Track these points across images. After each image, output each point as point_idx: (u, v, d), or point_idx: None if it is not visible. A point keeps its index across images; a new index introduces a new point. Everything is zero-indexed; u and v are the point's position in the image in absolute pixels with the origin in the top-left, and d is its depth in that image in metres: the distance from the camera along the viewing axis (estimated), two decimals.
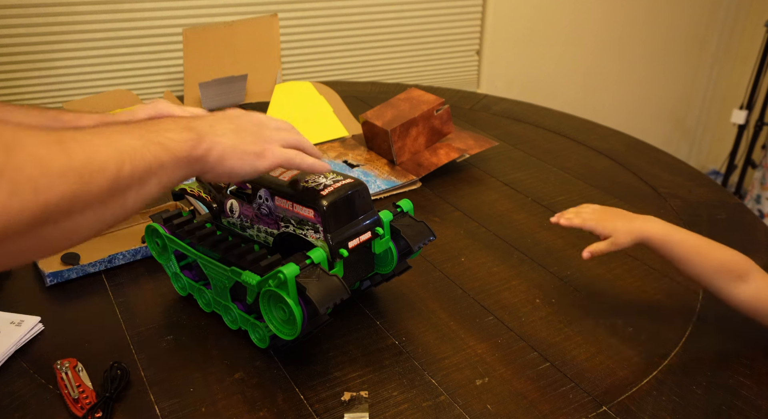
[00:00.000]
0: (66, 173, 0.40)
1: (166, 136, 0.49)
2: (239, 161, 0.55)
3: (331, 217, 0.59)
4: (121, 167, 0.44)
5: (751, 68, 2.24)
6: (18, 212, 0.37)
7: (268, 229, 0.64)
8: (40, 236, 0.40)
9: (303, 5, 1.73)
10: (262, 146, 0.56)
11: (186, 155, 0.50)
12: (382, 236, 0.65)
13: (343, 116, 1.27)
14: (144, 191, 0.47)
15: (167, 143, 0.49)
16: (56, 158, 0.40)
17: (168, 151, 0.49)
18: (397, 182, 1.01)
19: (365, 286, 0.72)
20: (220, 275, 0.65)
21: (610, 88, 2.43)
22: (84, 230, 0.43)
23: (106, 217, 0.44)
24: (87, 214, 0.42)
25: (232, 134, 0.55)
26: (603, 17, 2.26)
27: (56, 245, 0.43)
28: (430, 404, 0.60)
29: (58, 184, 0.39)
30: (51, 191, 0.39)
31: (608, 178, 1.07)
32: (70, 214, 0.41)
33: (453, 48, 2.02)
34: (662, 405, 0.59)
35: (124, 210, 0.46)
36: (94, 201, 0.42)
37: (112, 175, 0.43)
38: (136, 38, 1.57)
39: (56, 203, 0.39)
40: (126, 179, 0.44)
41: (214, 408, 0.60)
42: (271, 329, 0.59)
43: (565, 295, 0.76)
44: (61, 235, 0.41)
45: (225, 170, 0.54)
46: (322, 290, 0.56)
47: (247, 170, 0.56)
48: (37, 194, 0.38)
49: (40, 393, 0.61)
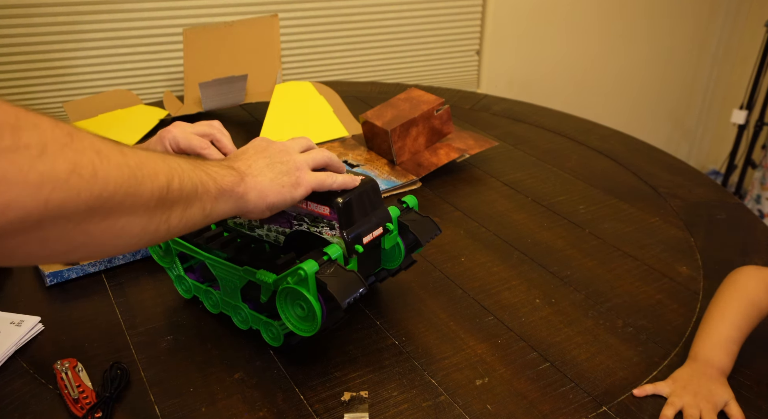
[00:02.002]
0: (122, 167, 0.40)
1: (212, 169, 0.51)
2: (278, 195, 0.56)
3: (347, 214, 0.60)
4: (171, 180, 0.45)
5: (751, 68, 2.24)
6: (76, 192, 0.37)
7: (279, 228, 0.64)
8: (87, 230, 0.40)
9: (303, 5, 1.73)
10: (295, 175, 0.58)
11: (229, 188, 0.52)
12: (392, 232, 0.65)
13: (343, 116, 1.27)
14: (188, 214, 0.47)
15: (213, 174, 0.51)
16: (114, 154, 0.40)
17: (213, 180, 0.50)
18: (397, 182, 1.01)
19: (371, 282, 0.72)
20: (231, 276, 0.65)
21: (610, 88, 2.43)
22: (127, 237, 0.43)
23: (150, 228, 0.44)
24: (134, 219, 0.42)
25: (268, 169, 0.57)
26: (603, 17, 2.26)
27: (100, 243, 0.42)
28: (430, 404, 0.60)
29: (115, 175, 0.40)
30: (108, 179, 0.39)
31: (608, 178, 1.07)
32: (120, 211, 0.41)
33: (453, 48, 2.02)
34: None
35: (168, 227, 0.46)
36: (143, 205, 0.43)
37: (162, 184, 0.44)
38: (136, 38, 1.57)
39: (111, 193, 0.39)
40: (174, 194, 0.45)
41: (214, 408, 0.60)
42: (288, 326, 0.60)
43: (565, 295, 0.76)
44: (107, 233, 0.41)
45: (266, 206, 0.56)
46: (342, 286, 0.56)
47: (287, 202, 0.57)
48: (96, 178, 0.38)
49: (40, 393, 0.61)
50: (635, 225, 0.92)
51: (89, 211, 0.39)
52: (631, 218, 0.94)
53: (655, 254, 0.84)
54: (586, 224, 0.92)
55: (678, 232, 0.90)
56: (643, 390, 0.61)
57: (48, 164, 0.36)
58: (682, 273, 0.80)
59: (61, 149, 0.37)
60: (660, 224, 0.92)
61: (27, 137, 0.35)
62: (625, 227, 0.91)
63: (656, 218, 0.93)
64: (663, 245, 0.86)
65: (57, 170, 0.36)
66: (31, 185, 0.35)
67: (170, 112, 1.32)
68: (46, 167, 0.35)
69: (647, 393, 0.61)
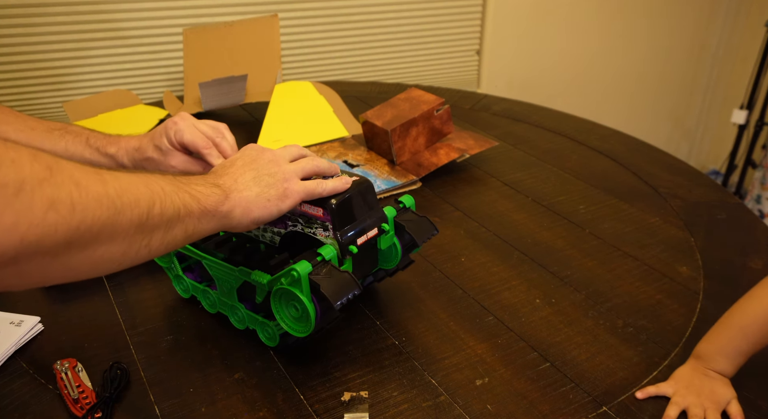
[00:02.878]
0: (101, 198, 0.41)
1: (196, 188, 0.51)
2: (264, 210, 0.56)
3: (340, 215, 0.60)
4: (152, 206, 0.45)
5: (751, 68, 2.24)
6: (53, 228, 0.37)
7: (274, 229, 0.64)
8: (65, 262, 0.40)
9: (303, 5, 1.73)
10: (282, 186, 0.57)
11: (213, 208, 0.52)
12: (388, 232, 0.65)
13: (343, 116, 1.27)
14: (169, 236, 0.48)
15: (196, 195, 0.51)
16: (93, 184, 0.41)
17: (197, 201, 0.50)
18: (397, 182, 1.01)
19: (368, 282, 0.72)
20: (227, 276, 0.65)
21: (610, 88, 2.43)
22: (106, 263, 0.43)
23: (130, 253, 0.45)
24: (113, 246, 0.43)
25: (254, 183, 0.56)
26: (603, 17, 2.26)
27: (78, 272, 0.42)
28: (430, 404, 0.60)
29: (93, 207, 0.40)
30: (86, 212, 0.39)
31: (608, 178, 1.07)
32: (99, 242, 0.41)
33: (453, 48, 2.02)
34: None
35: (149, 250, 0.46)
36: (122, 233, 0.43)
37: (143, 211, 0.44)
38: (136, 38, 1.57)
39: (89, 226, 0.40)
40: (155, 218, 0.45)
41: (214, 408, 0.60)
42: (283, 327, 0.60)
43: (565, 295, 0.76)
44: (85, 263, 0.42)
45: (251, 221, 0.56)
46: (335, 287, 0.56)
47: (273, 215, 0.57)
48: (73, 213, 0.38)
49: (40, 393, 0.61)
50: (635, 225, 0.92)
51: (67, 244, 0.39)
52: (631, 218, 0.94)
53: (655, 254, 0.84)
54: (586, 224, 0.92)
55: (678, 232, 0.90)
56: (646, 392, 0.61)
57: (25, 203, 0.36)
58: (682, 273, 0.80)
59: (39, 185, 0.37)
60: (660, 224, 0.92)
61: (3, 174, 0.35)
62: (625, 227, 0.91)
63: (656, 218, 0.93)
64: (663, 245, 0.86)
65: (34, 208, 0.36)
66: (5, 224, 0.35)
67: (170, 112, 1.32)
68: (23, 205, 0.35)
69: (650, 394, 0.61)
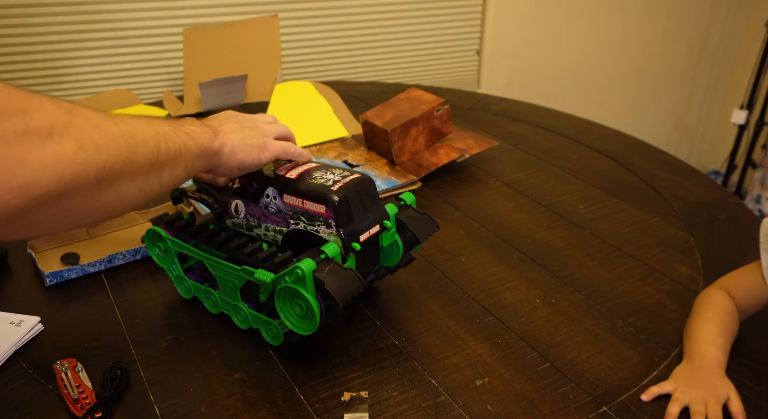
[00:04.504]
0: (118, 139, 0.44)
1: (190, 128, 0.55)
2: (247, 154, 0.60)
3: (343, 211, 0.60)
4: (158, 145, 0.49)
5: (751, 68, 2.24)
6: (83, 167, 0.41)
7: (276, 227, 0.64)
8: (97, 199, 0.44)
9: (303, 5, 1.73)
10: (262, 139, 0.62)
11: (206, 145, 0.56)
12: (389, 229, 0.65)
13: (343, 116, 1.27)
14: (175, 172, 0.52)
15: (191, 133, 0.55)
16: (109, 126, 0.44)
17: (192, 139, 0.54)
18: (397, 182, 1.01)
19: (370, 279, 0.72)
20: (229, 275, 0.65)
21: (610, 88, 2.43)
22: (130, 200, 0.48)
23: (146, 189, 0.49)
24: (133, 183, 0.47)
25: (238, 131, 0.61)
26: (603, 17, 2.26)
27: (108, 210, 0.46)
28: (430, 404, 0.60)
29: (113, 147, 0.44)
30: (109, 152, 0.43)
31: (608, 178, 1.07)
32: (121, 179, 0.45)
33: (453, 48, 2.02)
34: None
35: (161, 186, 0.51)
36: (139, 170, 0.47)
37: (152, 149, 0.48)
38: (136, 38, 1.57)
39: (112, 164, 0.43)
40: (162, 156, 0.50)
41: (214, 408, 0.60)
42: (288, 325, 0.59)
43: (565, 295, 0.76)
44: (113, 200, 0.46)
45: (236, 163, 0.60)
46: (340, 284, 0.56)
47: (254, 162, 0.62)
48: (98, 152, 0.42)
49: (40, 393, 0.61)
50: (635, 225, 0.92)
51: (97, 182, 0.43)
52: (631, 218, 0.94)
53: (655, 254, 0.84)
54: (586, 224, 0.92)
55: (678, 232, 0.90)
56: (650, 393, 0.61)
57: (57, 144, 0.39)
58: (683, 273, 0.80)
59: (65, 128, 0.40)
60: (660, 224, 0.92)
61: (35, 120, 0.38)
62: (625, 227, 0.91)
63: (656, 218, 0.93)
64: (663, 245, 0.86)
65: (65, 148, 0.39)
66: (46, 164, 0.38)
67: (170, 112, 1.32)
68: (56, 146, 0.39)
69: (654, 395, 0.61)
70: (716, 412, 0.58)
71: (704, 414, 0.58)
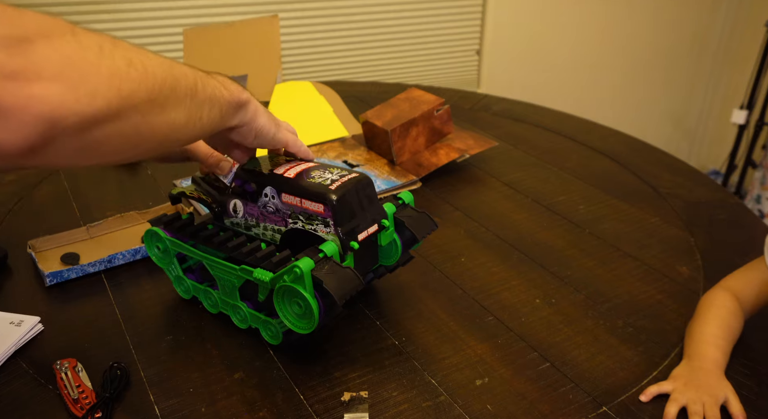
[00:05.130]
0: (162, 64, 0.46)
1: (220, 78, 0.56)
2: (266, 121, 0.60)
3: (341, 210, 0.60)
4: (196, 81, 0.50)
5: (751, 68, 2.24)
6: (137, 84, 0.42)
7: (275, 226, 0.64)
8: (150, 123, 0.44)
9: (303, 5, 1.73)
10: (277, 120, 0.63)
11: (237, 96, 0.56)
12: (388, 228, 0.65)
13: (343, 116, 1.27)
14: (213, 113, 0.53)
15: (223, 82, 0.55)
16: (150, 53, 0.45)
17: (225, 88, 0.55)
18: (397, 182, 1.01)
19: (368, 279, 0.72)
20: (228, 275, 0.65)
21: (610, 88, 2.43)
22: (180, 128, 0.49)
23: (190, 123, 0.49)
24: (179, 112, 0.48)
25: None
26: (603, 17, 2.26)
27: (161, 136, 0.47)
28: (430, 404, 0.60)
29: (159, 71, 0.45)
30: (156, 74, 0.44)
31: (608, 178, 1.07)
32: (169, 105, 0.46)
33: (453, 48, 2.02)
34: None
35: (202, 124, 0.51)
36: (182, 100, 0.48)
37: (191, 83, 0.49)
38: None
39: (160, 86, 0.45)
40: (201, 93, 0.50)
41: (214, 408, 0.60)
42: (287, 324, 0.60)
43: (565, 295, 0.76)
44: (165, 125, 0.46)
45: (257, 126, 0.59)
46: (338, 283, 0.56)
47: (270, 134, 0.61)
48: (146, 73, 0.43)
49: (40, 393, 0.61)
50: (635, 225, 0.92)
51: (150, 102, 0.44)
52: (631, 218, 0.94)
53: (655, 254, 0.84)
54: (586, 224, 0.92)
55: (678, 232, 0.90)
56: (649, 393, 0.61)
57: (109, 60, 0.41)
58: (682, 273, 0.80)
59: (113, 48, 0.41)
60: (660, 224, 0.92)
61: (85, 39, 0.40)
62: (625, 227, 0.91)
63: (656, 218, 0.93)
64: (663, 245, 0.86)
65: (118, 63, 0.41)
66: (104, 76, 0.40)
67: None
68: (110, 61, 0.40)
69: (653, 394, 0.61)
70: (714, 413, 0.58)
71: (702, 415, 0.58)
